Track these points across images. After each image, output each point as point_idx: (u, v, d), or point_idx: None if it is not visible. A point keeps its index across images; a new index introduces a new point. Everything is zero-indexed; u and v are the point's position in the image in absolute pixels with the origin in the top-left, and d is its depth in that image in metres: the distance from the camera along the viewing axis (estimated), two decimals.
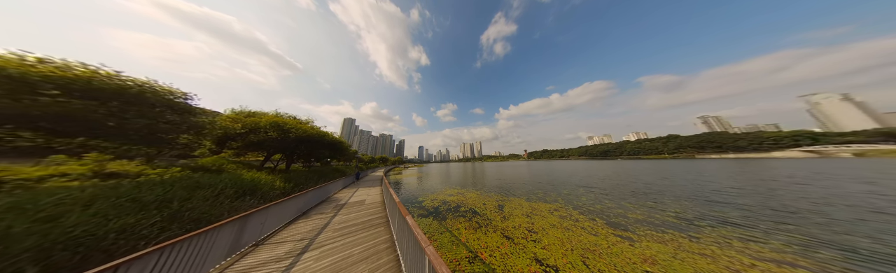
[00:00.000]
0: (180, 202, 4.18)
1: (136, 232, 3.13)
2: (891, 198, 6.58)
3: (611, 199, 7.40)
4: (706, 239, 3.86)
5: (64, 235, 2.59)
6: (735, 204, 6.26)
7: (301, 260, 2.57)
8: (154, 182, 4.77)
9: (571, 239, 4.01)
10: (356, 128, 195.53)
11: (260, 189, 6.79)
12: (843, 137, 67.05)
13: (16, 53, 4.30)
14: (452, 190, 10.76)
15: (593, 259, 3.23)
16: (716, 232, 4.19)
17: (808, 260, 3.08)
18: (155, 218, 3.46)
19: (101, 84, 4.67)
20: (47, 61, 4.51)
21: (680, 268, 2.94)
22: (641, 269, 2.93)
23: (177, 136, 6.48)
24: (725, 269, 2.90)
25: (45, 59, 4.52)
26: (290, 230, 3.68)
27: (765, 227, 4.37)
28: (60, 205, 3.00)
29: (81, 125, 4.63)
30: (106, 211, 3.17)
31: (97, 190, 3.66)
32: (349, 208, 5.17)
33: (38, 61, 4.41)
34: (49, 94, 4.22)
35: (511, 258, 3.33)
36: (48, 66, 4.40)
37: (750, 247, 3.53)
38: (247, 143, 9.93)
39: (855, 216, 4.87)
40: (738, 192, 7.81)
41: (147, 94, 5.30)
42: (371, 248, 2.79)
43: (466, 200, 8.06)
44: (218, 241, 2.37)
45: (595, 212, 5.94)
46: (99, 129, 4.78)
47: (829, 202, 6.15)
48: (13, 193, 3.26)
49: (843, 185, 8.66)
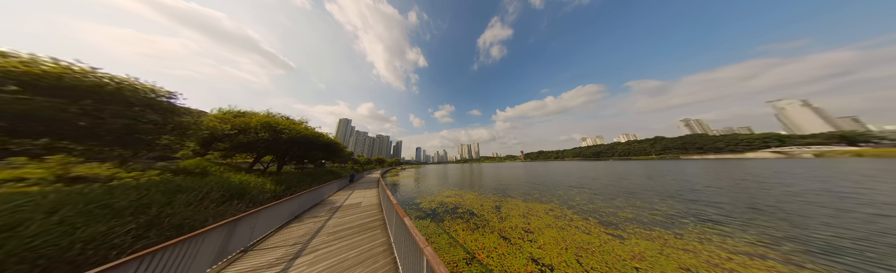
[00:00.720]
0: (159, 207, 3.90)
1: (108, 241, 2.88)
2: (838, 194, 7.31)
3: (602, 199, 7.66)
4: (689, 235, 4.10)
5: (21, 247, 2.34)
6: (712, 202, 6.69)
7: (294, 265, 2.47)
8: (128, 186, 4.43)
9: (566, 238, 4.12)
10: (352, 128, 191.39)
11: (249, 192, 6.47)
12: (804, 139, 73.78)
13: None
14: (450, 191, 10.72)
15: (586, 257, 3.33)
16: (697, 228, 4.46)
17: (775, 252, 3.36)
18: (130, 225, 3.21)
19: (73, 81, 4.34)
20: (11, 55, 4.16)
21: (665, 263, 3.10)
22: (631, 265, 3.06)
23: (157, 136, 6.09)
24: (705, 262, 3.10)
25: (8, 53, 4.17)
26: (281, 235, 3.53)
27: (738, 223, 4.72)
28: (18, 212, 2.72)
29: (47, 125, 4.26)
30: (73, 219, 2.91)
31: (62, 195, 3.35)
32: (344, 211, 5.03)
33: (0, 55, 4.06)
34: (7, 91, 3.87)
35: (508, 258, 3.36)
36: (11, 61, 4.05)
37: (726, 241, 3.79)
38: (235, 145, 9.46)
39: (810, 212, 5.40)
40: (714, 191, 8.36)
41: (126, 92, 4.97)
42: (367, 252, 2.73)
43: (464, 202, 8.06)
44: (203, 248, 2.24)
45: (588, 211, 6.13)
46: (68, 129, 4.42)
47: (788, 200, 6.75)
48: None
49: (801, 184, 9.51)
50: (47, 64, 4.32)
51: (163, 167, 7.50)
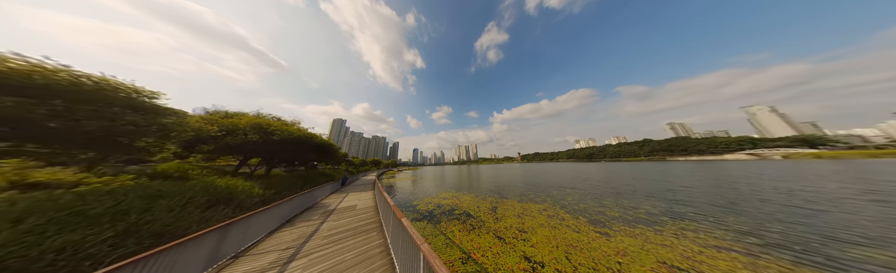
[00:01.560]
0: (138, 214, 3.69)
1: (82, 250, 2.70)
2: (792, 193, 8.17)
3: (592, 199, 8.00)
4: (667, 231, 4.42)
5: None
6: (688, 201, 7.20)
7: (288, 269, 2.44)
8: (101, 192, 4.16)
9: (557, 237, 4.29)
10: (346, 129, 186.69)
11: (236, 197, 6.20)
12: (773, 142, 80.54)
13: None
14: (447, 193, 10.73)
15: (575, 254, 3.50)
16: (675, 225, 4.81)
17: (739, 245, 3.73)
18: (107, 233, 3.02)
19: (44, 80, 4.09)
20: None
21: (645, 257, 3.34)
22: (614, 260, 3.26)
23: (136, 139, 5.74)
24: (679, 256, 3.37)
25: None
26: (273, 239, 3.43)
27: (710, 220, 5.15)
28: None
29: (12, 127, 3.96)
30: (43, 227, 2.72)
31: (32, 203, 3.12)
32: (339, 215, 4.94)
33: None
34: None
35: (502, 257, 3.47)
36: None
37: (699, 236, 4.14)
38: (221, 147, 8.98)
39: (769, 209, 5.98)
40: (691, 192, 9.01)
41: (106, 92, 4.72)
42: (363, 254, 2.74)
43: (461, 203, 8.11)
44: (194, 254, 2.18)
45: (578, 210, 6.39)
46: (37, 131, 4.12)
47: (752, 199, 7.40)
48: None
49: (765, 184, 10.56)
50: (14, 61, 4.07)
51: (137, 171, 6.99)
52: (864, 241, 3.82)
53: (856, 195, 7.43)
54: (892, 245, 3.72)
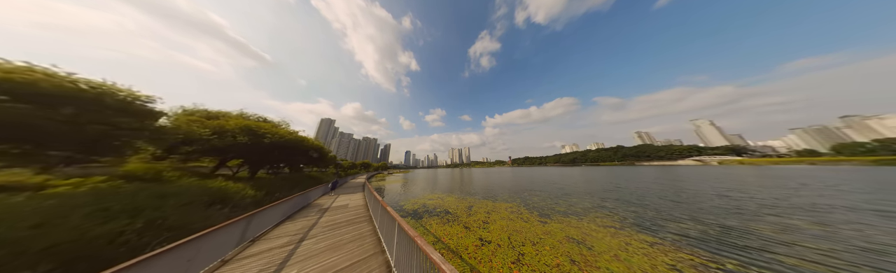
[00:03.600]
0: (151, 211, 4.21)
1: (121, 238, 3.30)
2: (712, 191, 10.91)
3: (551, 198, 9.72)
4: (585, 219, 6.13)
5: (58, 238, 2.76)
6: (615, 198, 9.29)
7: (302, 245, 3.36)
8: (115, 192, 4.56)
9: (510, 225, 5.65)
10: (335, 129, 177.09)
11: (231, 197, 6.61)
12: (713, 150, 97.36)
13: None
14: (433, 195, 11.72)
15: (516, 235, 4.87)
16: (593, 215, 6.57)
17: (619, 223, 5.38)
18: (137, 225, 3.61)
19: (51, 87, 4.30)
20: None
21: (560, 234, 4.84)
22: (539, 237, 4.69)
23: (130, 141, 6.00)
24: (581, 233, 4.97)
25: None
26: (280, 229, 4.21)
27: (621, 210, 7.13)
28: (44, 214, 3.06)
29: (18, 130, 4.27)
30: (79, 221, 3.28)
31: (62, 199, 3.60)
32: (333, 212, 5.73)
33: None
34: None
35: (463, 239, 4.67)
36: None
37: (603, 221, 5.91)
38: (208, 149, 8.92)
39: (660, 203, 8.18)
40: (622, 191, 11.37)
41: (105, 96, 4.92)
42: (357, 236, 3.72)
43: (444, 203, 9.19)
44: (229, 236, 2.99)
45: (536, 207, 7.94)
46: (41, 135, 4.42)
47: (653, 196, 9.78)
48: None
49: (677, 184, 13.74)
50: (32, 71, 4.40)
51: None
52: (685, 219, 5.84)
53: (715, 192, 10.11)
54: (688, 221, 5.68)
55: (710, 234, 4.76)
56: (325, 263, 2.73)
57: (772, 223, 5.45)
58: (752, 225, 5.31)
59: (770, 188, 11.25)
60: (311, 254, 3.04)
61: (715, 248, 4.03)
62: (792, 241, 4.27)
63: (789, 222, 5.54)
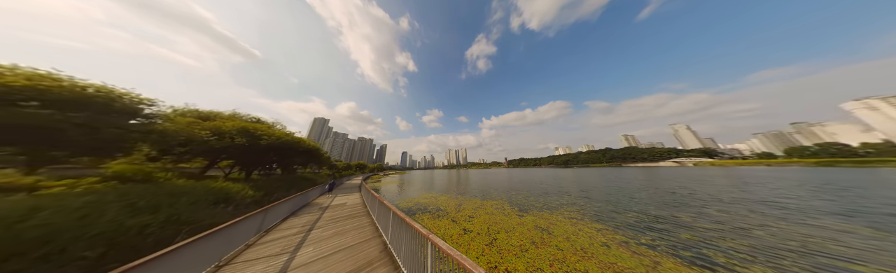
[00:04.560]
0: (166, 208, 4.65)
1: (149, 229, 3.79)
2: (667, 189, 12.48)
3: (533, 197, 10.79)
4: (555, 213, 7.17)
5: (99, 227, 3.24)
6: (587, 197, 10.54)
7: (311, 233, 4.00)
8: (138, 190, 4.94)
9: (491, 219, 6.54)
10: (329, 129, 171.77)
11: (233, 197, 6.99)
12: (689, 153, 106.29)
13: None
14: (428, 194, 12.45)
15: (494, 226, 5.77)
16: (563, 209, 7.65)
17: (579, 215, 6.46)
18: (160, 218, 4.09)
19: (71, 94, 4.65)
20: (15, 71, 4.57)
21: (530, 224, 5.82)
22: (513, 227, 5.61)
23: (137, 143, 6.32)
24: (547, 222, 5.98)
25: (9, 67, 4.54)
26: (286, 223, 4.78)
27: (585, 206, 8.31)
28: (87, 208, 3.51)
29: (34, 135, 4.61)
30: (115, 215, 3.74)
31: (97, 196, 4.03)
32: (333, 209, 6.31)
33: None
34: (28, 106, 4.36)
35: (450, 230, 5.48)
36: (22, 75, 4.49)
37: (569, 214, 7.00)
38: (205, 150, 9.07)
39: (625, 199, 9.57)
40: (596, 190, 12.78)
41: (115, 101, 5.28)
42: (358, 226, 4.40)
43: (437, 202, 9.94)
44: (249, 226, 3.59)
45: (518, 204, 8.91)
46: (58, 139, 4.75)
47: (622, 194, 11.28)
48: None
49: (645, 184, 15.55)
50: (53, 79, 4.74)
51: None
52: (632, 211, 7.01)
53: (669, 189, 11.68)
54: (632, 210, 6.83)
55: (642, 220, 6.03)
56: (335, 244, 3.42)
57: (691, 212, 6.84)
58: (677, 214, 6.68)
59: (713, 186, 13.11)
60: (321, 238, 3.71)
61: (639, 230, 5.23)
62: (695, 224, 5.58)
63: (703, 211, 6.98)
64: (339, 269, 2.60)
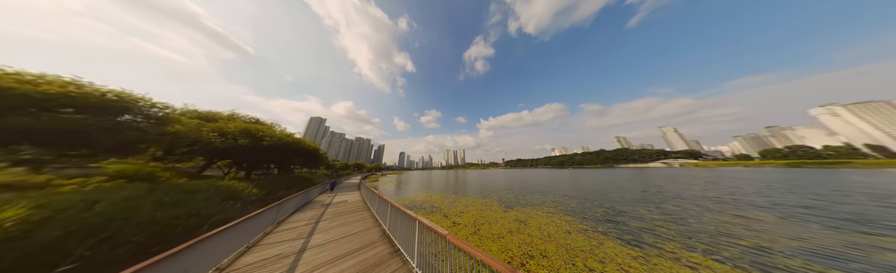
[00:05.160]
0: (186, 203, 5.19)
1: (177, 219, 4.36)
2: (641, 187, 13.71)
3: (521, 195, 11.70)
4: (537, 208, 8.06)
5: (139, 217, 3.81)
6: (569, 195, 11.56)
7: (319, 224, 4.65)
8: (164, 188, 5.44)
9: (479, 214, 7.34)
10: (326, 129, 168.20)
11: (240, 195, 7.50)
12: (676, 154, 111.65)
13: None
14: (424, 194, 13.19)
15: (480, 220, 6.56)
16: (545, 206, 8.55)
17: (555, 210, 7.34)
18: (184, 212, 4.66)
19: (98, 100, 5.14)
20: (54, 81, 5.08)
21: (512, 217, 6.67)
22: (497, 219, 6.43)
23: (152, 145, 6.81)
24: (527, 216, 6.84)
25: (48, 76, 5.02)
26: (294, 217, 5.38)
27: (564, 202, 9.25)
28: (127, 202, 4.07)
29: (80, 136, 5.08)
30: (150, 208, 4.31)
31: (131, 192, 4.57)
32: (335, 205, 6.92)
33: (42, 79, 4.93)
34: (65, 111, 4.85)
35: (440, 223, 6.26)
36: (55, 84, 4.97)
37: (547, 209, 7.86)
38: (209, 150, 9.43)
39: (598, 197, 10.64)
40: (578, 190, 13.90)
41: (136, 106, 5.81)
42: (359, 217, 5.07)
43: (432, 200, 10.67)
44: (265, 218, 4.21)
45: (505, 201, 9.78)
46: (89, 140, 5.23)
47: (598, 192, 12.40)
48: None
49: (623, 183, 16.93)
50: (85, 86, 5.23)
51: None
52: (604, 207, 7.93)
53: (641, 188, 12.84)
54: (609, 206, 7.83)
55: (607, 214, 7.01)
56: (342, 231, 4.10)
57: (650, 207, 7.87)
58: (638, 208, 7.71)
59: (681, 185, 14.46)
60: (329, 228, 4.38)
61: (601, 221, 6.19)
62: (648, 216, 6.56)
63: (661, 206, 8.03)
64: (348, 248, 3.30)
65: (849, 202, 8.42)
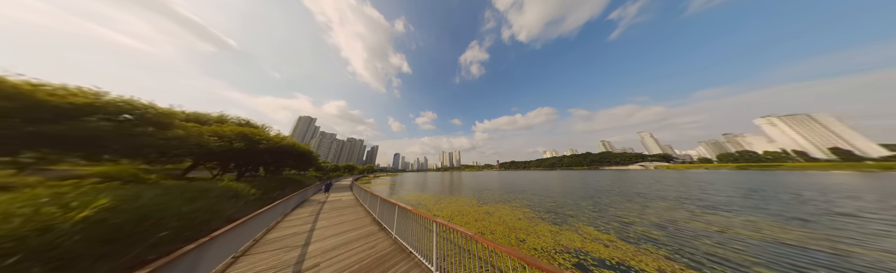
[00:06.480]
0: (200, 200, 5.98)
1: (196, 213, 5.21)
2: (606, 187, 15.82)
3: (499, 194, 13.23)
4: (509, 205, 9.54)
5: (167, 213, 4.66)
6: (545, 195, 13.26)
7: (320, 216, 5.69)
8: (181, 186, 6.18)
9: (458, 209, 8.67)
10: (315, 129, 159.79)
11: (240, 194, 8.21)
12: (651, 157, 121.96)
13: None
14: (414, 194, 14.36)
15: (456, 213, 7.90)
16: (517, 203, 10.05)
17: (528, 208, 8.83)
18: (201, 208, 5.50)
19: (117, 109, 5.86)
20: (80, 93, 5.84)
21: (483, 211, 8.08)
22: (470, 213, 7.75)
23: (159, 149, 7.41)
24: (494, 208, 8.24)
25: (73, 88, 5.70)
26: (294, 214, 6.33)
27: (537, 201, 10.89)
28: (159, 197, 4.90)
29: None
30: (177, 204, 5.13)
31: (164, 190, 5.36)
32: (331, 203, 7.87)
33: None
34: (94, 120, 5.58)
35: None
36: (81, 98, 5.69)
37: (517, 204, 9.40)
38: (205, 153, 9.78)
39: (575, 195, 12.47)
40: (555, 189, 15.82)
41: (150, 115, 6.53)
42: (354, 211, 6.16)
43: (420, 199, 11.82)
44: (276, 211, 5.21)
45: (484, 199, 11.22)
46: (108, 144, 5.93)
47: (574, 191, 14.42)
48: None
49: (597, 183, 19.22)
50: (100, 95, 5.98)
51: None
52: (566, 202, 9.59)
53: (605, 188, 14.95)
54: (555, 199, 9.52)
55: (558, 207, 8.63)
56: (340, 220, 5.23)
57: (593, 201, 9.67)
58: (582, 202, 9.47)
59: (633, 185, 16.79)
60: (329, 217, 5.49)
61: (555, 212, 7.72)
62: (585, 207, 8.33)
63: (600, 200, 9.90)
64: (347, 228, 4.48)
65: (726, 195, 11.00)
